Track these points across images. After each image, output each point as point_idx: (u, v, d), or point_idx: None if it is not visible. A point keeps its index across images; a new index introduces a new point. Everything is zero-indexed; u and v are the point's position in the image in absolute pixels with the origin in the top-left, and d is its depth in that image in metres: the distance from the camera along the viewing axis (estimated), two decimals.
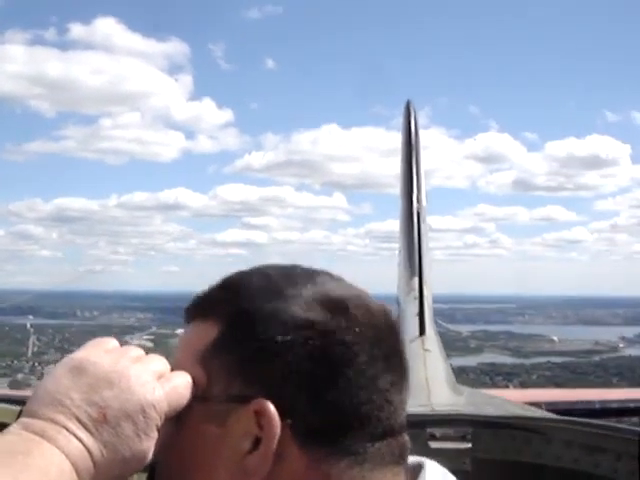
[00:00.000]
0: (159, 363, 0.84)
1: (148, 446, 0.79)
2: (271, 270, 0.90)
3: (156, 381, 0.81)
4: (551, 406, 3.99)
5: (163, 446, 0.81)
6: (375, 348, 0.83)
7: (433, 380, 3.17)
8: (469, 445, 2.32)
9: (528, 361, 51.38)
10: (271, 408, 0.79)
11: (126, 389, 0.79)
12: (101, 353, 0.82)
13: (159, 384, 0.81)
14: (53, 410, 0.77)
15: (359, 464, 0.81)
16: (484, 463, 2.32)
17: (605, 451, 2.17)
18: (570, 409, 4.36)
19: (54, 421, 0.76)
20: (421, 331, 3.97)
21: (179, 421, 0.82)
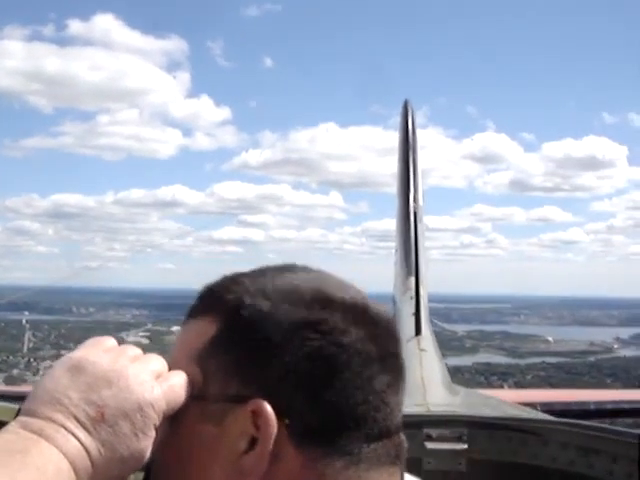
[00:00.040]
0: (157, 362, 0.84)
1: (146, 445, 0.79)
2: (269, 270, 0.90)
3: (154, 380, 0.81)
4: (546, 407, 3.99)
5: (160, 445, 0.81)
6: (371, 349, 0.83)
7: (429, 380, 3.18)
8: (465, 446, 2.32)
9: (523, 361, 51.38)
10: (268, 408, 0.79)
11: (124, 388, 0.78)
12: (100, 352, 0.82)
13: (157, 383, 0.81)
14: (51, 409, 0.77)
15: (355, 464, 0.81)
16: (480, 464, 2.32)
17: (601, 453, 2.17)
18: (565, 410, 4.36)
19: (52, 420, 0.76)
20: (417, 331, 3.98)
21: (176, 420, 0.82)
